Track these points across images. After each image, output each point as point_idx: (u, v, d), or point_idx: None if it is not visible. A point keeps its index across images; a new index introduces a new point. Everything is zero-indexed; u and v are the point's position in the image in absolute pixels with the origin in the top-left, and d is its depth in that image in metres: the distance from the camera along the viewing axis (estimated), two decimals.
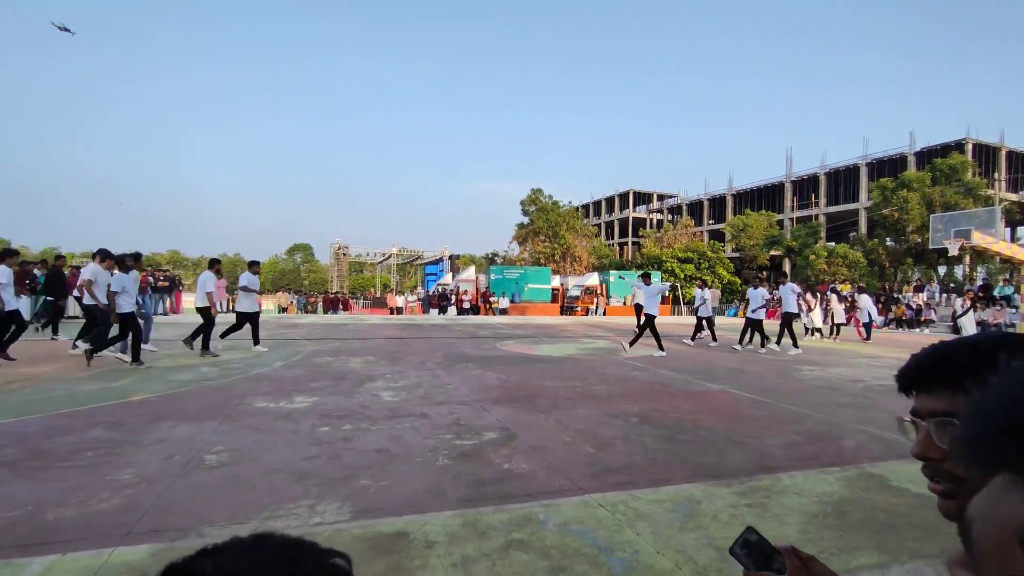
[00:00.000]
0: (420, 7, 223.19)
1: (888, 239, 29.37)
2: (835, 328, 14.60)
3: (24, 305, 13.55)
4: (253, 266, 9.59)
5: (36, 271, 14.02)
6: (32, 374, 6.47)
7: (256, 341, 9.31)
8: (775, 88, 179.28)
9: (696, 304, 12.55)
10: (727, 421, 4.83)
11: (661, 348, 9.46)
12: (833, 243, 34.87)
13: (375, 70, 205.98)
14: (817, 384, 6.98)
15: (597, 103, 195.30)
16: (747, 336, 11.03)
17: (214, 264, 9.27)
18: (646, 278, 9.88)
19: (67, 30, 27.04)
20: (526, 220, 40.82)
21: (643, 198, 58.24)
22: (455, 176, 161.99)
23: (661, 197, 57.31)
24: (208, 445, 3.79)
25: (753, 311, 11.03)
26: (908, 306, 21.37)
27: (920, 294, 22.99)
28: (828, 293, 16.01)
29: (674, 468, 3.48)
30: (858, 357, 10.28)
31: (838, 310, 14.61)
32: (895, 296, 23.27)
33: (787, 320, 10.70)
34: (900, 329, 20.48)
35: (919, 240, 27.19)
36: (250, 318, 9.27)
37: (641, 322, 12.33)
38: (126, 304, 7.57)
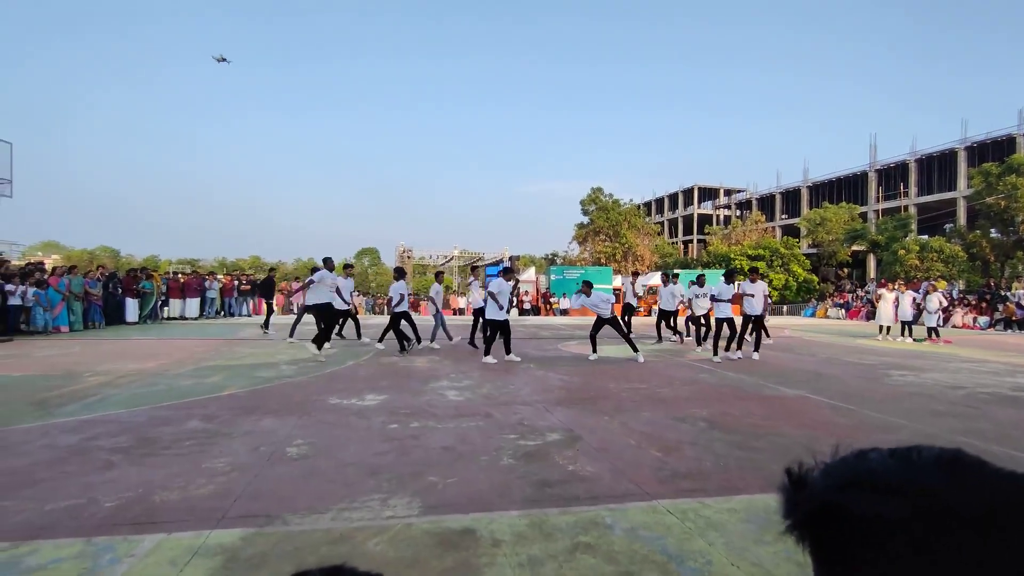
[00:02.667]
0: (468, 5, 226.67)
1: (993, 230, 26.38)
2: (932, 331, 13.16)
3: (131, 308, 15.10)
4: (399, 273, 10.08)
5: (143, 279, 15.59)
6: (139, 369, 7.20)
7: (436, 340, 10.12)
8: (854, 72, 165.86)
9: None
10: (805, 428, 4.54)
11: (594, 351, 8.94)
12: (926, 236, 31.83)
13: (434, 70, 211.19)
14: (909, 390, 6.40)
15: (658, 97, 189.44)
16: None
17: (401, 274, 9.98)
18: (586, 286, 8.94)
19: (224, 60, 29.44)
20: (586, 219, 40.37)
21: (709, 193, 55.87)
22: (513, 176, 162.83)
23: (728, 192, 54.70)
24: (289, 438, 4.05)
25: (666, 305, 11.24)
26: (1019, 305, 19.11)
27: None
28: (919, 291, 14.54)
29: (748, 476, 3.32)
30: (957, 361, 9.32)
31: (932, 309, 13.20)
32: (1002, 294, 20.88)
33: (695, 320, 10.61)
34: (1010, 330, 18.34)
35: None
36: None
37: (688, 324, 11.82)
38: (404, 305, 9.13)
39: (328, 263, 9.21)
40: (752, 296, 9.21)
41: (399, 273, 9.93)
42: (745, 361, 8.85)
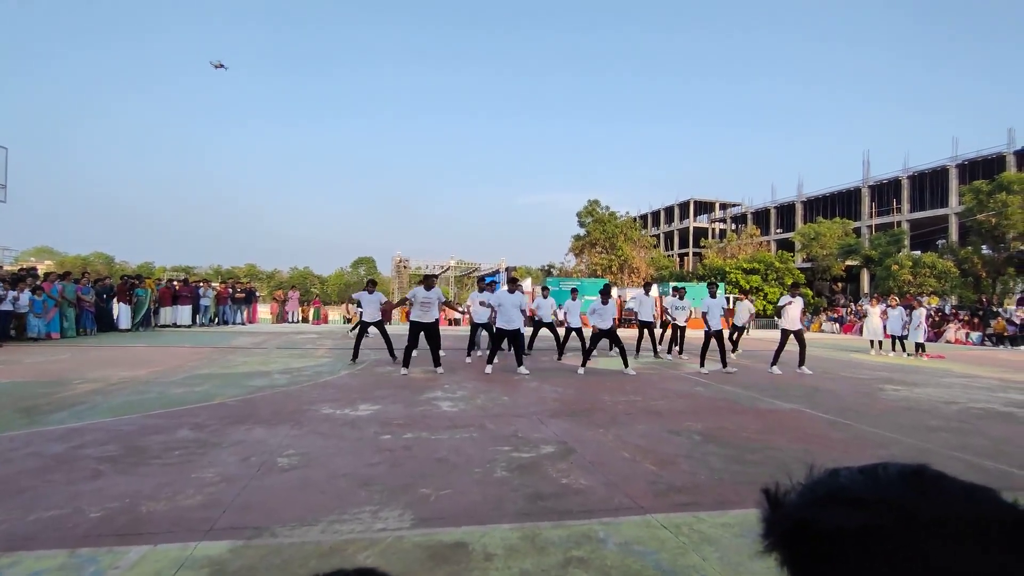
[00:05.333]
0: (471, 16, 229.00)
1: (984, 247, 26.65)
2: (919, 346, 13.24)
3: (124, 315, 14.98)
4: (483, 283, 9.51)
5: (137, 285, 15.48)
6: (130, 377, 7.12)
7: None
8: (849, 85, 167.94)
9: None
10: (800, 442, 4.53)
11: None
12: (919, 252, 32.10)
13: (433, 80, 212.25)
14: (904, 405, 6.41)
15: (655, 110, 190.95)
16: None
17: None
18: (604, 293, 8.73)
19: (222, 66, 29.45)
20: (583, 231, 40.51)
21: (704, 207, 56.19)
22: (510, 188, 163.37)
23: (724, 206, 55.04)
24: (280, 448, 4.01)
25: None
26: (1010, 321, 19.26)
27: None
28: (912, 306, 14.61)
29: (743, 490, 3.30)
30: (951, 377, 9.36)
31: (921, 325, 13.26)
32: (994, 309, 21.04)
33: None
34: (1001, 346, 18.45)
35: (1022, 247, 24.48)
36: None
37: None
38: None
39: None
40: (784, 308, 9.38)
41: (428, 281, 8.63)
42: (741, 374, 8.85)
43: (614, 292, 9.00)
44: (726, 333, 10.58)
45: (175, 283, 18.89)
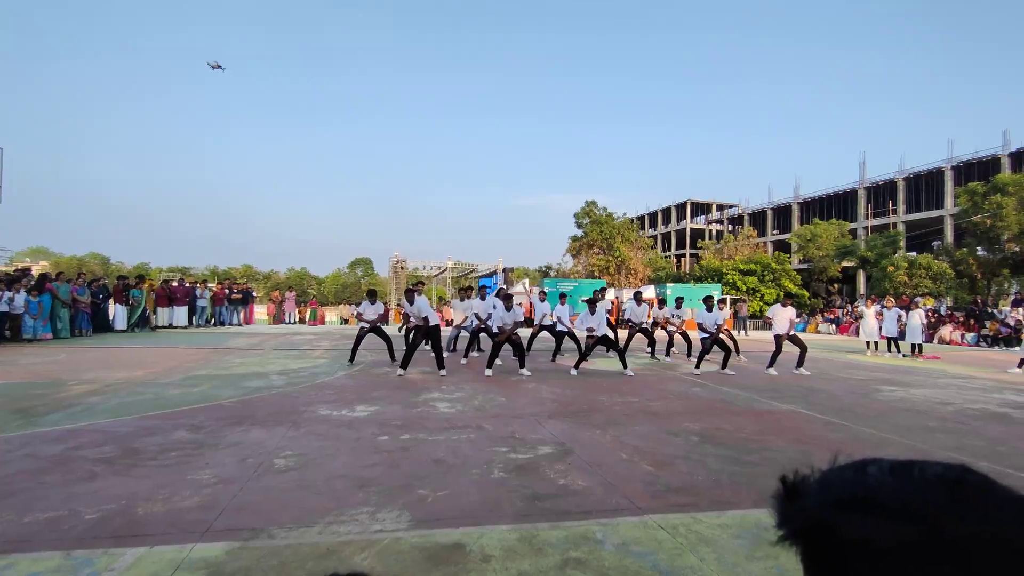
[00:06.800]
0: (469, 18, 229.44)
1: (979, 248, 26.81)
2: (916, 346, 13.35)
3: (120, 315, 14.92)
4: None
5: (133, 286, 15.41)
6: (126, 378, 7.09)
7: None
8: (845, 87, 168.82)
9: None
10: (798, 443, 4.54)
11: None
12: (914, 253, 32.26)
13: (431, 82, 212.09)
14: (900, 406, 6.43)
15: (652, 112, 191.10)
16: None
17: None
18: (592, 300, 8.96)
19: (219, 67, 29.46)
20: (580, 233, 40.58)
21: (701, 208, 56.33)
22: (508, 189, 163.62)
23: (721, 207, 55.19)
24: (277, 449, 3.99)
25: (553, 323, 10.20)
26: (1004, 323, 19.35)
27: (1019, 309, 20.75)
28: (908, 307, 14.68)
29: (740, 491, 3.31)
30: (947, 377, 9.40)
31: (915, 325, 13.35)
32: (989, 311, 21.14)
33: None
34: (996, 347, 18.54)
35: (1017, 249, 24.65)
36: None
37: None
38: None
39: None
40: (772, 317, 9.92)
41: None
42: (739, 375, 8.87)
43: (611, 293, 9.08)
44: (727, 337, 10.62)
45: (171, 284, 18.81)
